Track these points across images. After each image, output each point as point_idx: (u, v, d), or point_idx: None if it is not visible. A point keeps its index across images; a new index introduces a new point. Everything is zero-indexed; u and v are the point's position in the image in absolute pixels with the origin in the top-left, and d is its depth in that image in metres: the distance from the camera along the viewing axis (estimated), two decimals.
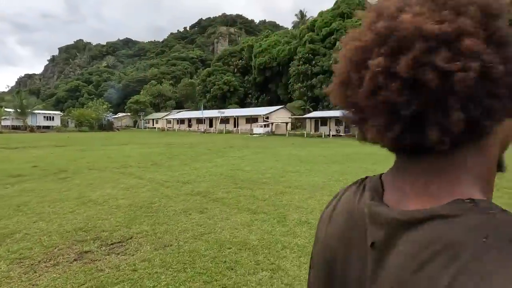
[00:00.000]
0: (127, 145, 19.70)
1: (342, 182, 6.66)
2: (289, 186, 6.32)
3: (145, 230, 3.67)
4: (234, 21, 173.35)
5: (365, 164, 9.79)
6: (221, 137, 31.28)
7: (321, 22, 51.24)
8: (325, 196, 5.36)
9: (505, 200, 5.07)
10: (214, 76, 68.91)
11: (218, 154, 13.47)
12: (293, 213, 4.36)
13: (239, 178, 7.28)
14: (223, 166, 9.45)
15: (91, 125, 56.02)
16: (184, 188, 6.11)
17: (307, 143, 22.16)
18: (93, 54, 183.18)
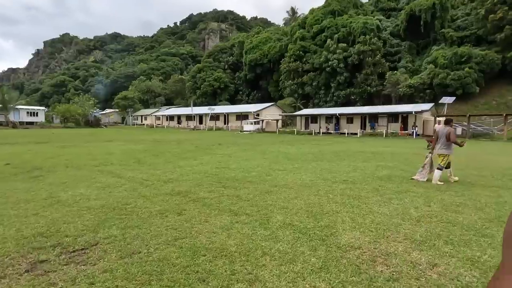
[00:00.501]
0: (111, 142, 19.08)
1: (330, 181, 6.45)
2: (275, 185, 6.06)
3: (113, 235, 3.34)
4: (226, 17, 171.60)
5: (354, 162, 9.63)
6: (210, 134, 30.82)
7: (312, 20, 51.03)
8: (312, 196, 5.12)
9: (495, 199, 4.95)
10: (204, 73, 68.00)
11: (205, 151, 13.11)
12: (277, 214, 4.09)
13: (224, 176, 6.97)
14: (208, 164, 9.12)
15: (77, 121, 54.53)
16: (164, 188, 5.77)
17: (296, 140, 22.00)
18: (80, 48, 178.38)
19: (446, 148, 6.69)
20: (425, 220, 3.85)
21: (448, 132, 6.69)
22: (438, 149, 6.86)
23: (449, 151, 6.69)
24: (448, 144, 6.68)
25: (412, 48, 44.31)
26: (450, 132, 6.66)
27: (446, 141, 6.65)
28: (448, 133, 6.68)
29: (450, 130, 6.70)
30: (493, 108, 33.17)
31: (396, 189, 5.69)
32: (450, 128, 6.81)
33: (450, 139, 6.62)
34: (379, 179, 6.71)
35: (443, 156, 6.71)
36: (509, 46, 34.37)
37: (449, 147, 6.70)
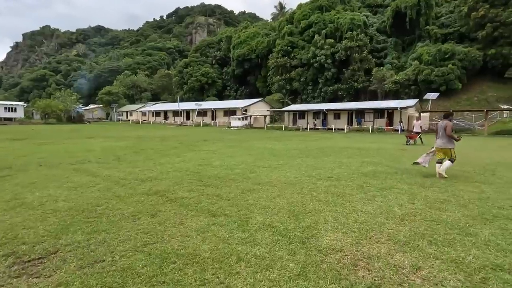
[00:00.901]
0: (93, 139, 18.42)
1: (314, 178, 6.31)
2: (258, 182, 5.86)
3: (77, 241, 3.05)
4: (213, 11, 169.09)
5: (339, 158, 9.55)
6: (197, 130, 30.33)
7: (300, 15, 50.85)
8: (295, 194, 4.95)
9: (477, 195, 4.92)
10: (191, 68, 66.86)
11: (190, 148, 12.78)
12: (257, 214, 3.89)
13: (206, 174, 6.72)
14: (191, 161, 8.83)
15: (58, 117, 52.68)
16: (141, 187, 5.48)
17: (284, 136, 21.89)
18: (61, 41, 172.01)
19: (447, 141, 6.63)
20: (409, 218, 3.74)
21: (446, 126, 6.62)
22: (438, 143, 6.78)
23: (449, 145, 6.62)
24: (448, 138, 6.60)
25: (398, 45, 44.88)
26: (447, 126, 6.60)
27: (446, 135, 6.58)
28: (445, 127, 6.61)
29: (447, 124, 6.64)
30: (474, 104, 34.09)
31: (381, 185, 5.60)
32: (449, 122, 6.73)
33: (446, 132, 6.55)
34: (364, 175, 6.63)
35: (445, 150, 6.64)
36: (490, 44, 35.30)
37: (450, 141, 6.63)
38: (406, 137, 15.64)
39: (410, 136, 15.41)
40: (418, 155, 10.15)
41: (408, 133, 16.57)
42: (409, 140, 15.16)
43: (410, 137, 15.34)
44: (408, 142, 15.11)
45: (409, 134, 15.86)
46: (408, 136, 15.58)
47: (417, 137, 15.40)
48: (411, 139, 15.22)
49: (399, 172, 7.00)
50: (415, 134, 15.58)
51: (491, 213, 3.95)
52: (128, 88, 76.82)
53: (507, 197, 4.82)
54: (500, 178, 6.44)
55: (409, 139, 15.22)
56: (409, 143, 14.95)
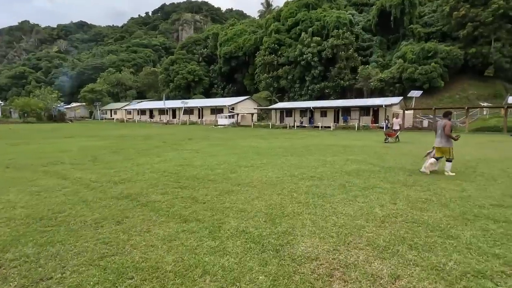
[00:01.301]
0: (72, 138, 17.70)
1: (296, 177, 6.12)
2: (238, 183, 5.63)
3: (25, 255, 2.73)
4: (200, 8, 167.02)
5: (323, 156, 9.43)
6: (183, 129, 29.77)
7: (286, 12, 50.74)
8: (275, 195, 4.74)
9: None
10: (177, 65, 65.74)
11: (172, 147, 12.40)
12: (232, 219, 3.66)
13: (184, 175, 6.42)
14: (172, 160, 8.49)
15: (38, 116, 50.70)
16: (113, 190, 5.14)
17: (270, 134, 21.72)
18: (41, 37, 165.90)
19: (446, 140, 6.57)
20: (390, 220, 3.59)
21: (445, 125, 6.54)
22: (436, 142, 6.71)
23: (449, 144, 6.57)
24: (447, 137, 6.54)
25: (383, 43, 45.50)
26: (446, 125, 6.52)
27: (444, 134, 6.51)
28: (444, 126, 6.53)
29: (447, 123, 6.55)
30: (456, 102, 34.96)
31: (363, 184, 5.46)
32: (448, 121, 6.64)
33: (445, 131, 6.48)
34: (347, 174, 6.50)
35: (444, 149, 6.59)
36: (470, 43, 36.26)
37: (448, 140, 6.58)
38: (384, 135, 15.41)
39: (389, 134, 15.18)
40: (402, 152, 10.17)
41: (386, 131, 16.16)
42: (387, 138, 14.88)
43: (388, 135, 15.10)
44: (386, 140, 14.80)
45: (388, 132, 15.67)
46: (386, 134, 15.37)
47: (396, 135, 15.12)
48: (390, 137, 14.97)
49: (383, 171, 6.91)
50: (394, 132, 15.38)
51: (472, 213, 3.86)
52: (112, 86, 74.90)
53: (487, 195, 4.77)
54: (481, 175, 6.44)
55: (388, 137, 14.94)
56: (388, 141, 14.64)
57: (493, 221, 3.55)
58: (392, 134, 15.16)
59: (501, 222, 3.51)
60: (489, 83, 37.65)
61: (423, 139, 17.32)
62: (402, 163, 8.10)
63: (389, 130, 16.70)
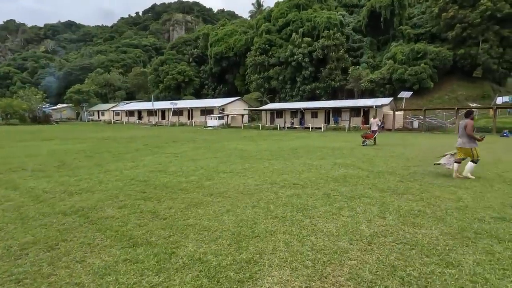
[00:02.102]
0: (50, 141, 16.77)
1: (278, 185, 5.54)
2: (211, 193, 5.01)
3: None
4: (191, 8, 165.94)
5: (310, 159, 8.88)
6: (170, 130, 28.93)
7: (277, 13, 50.36)
8: (249, 208, 4.14)
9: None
10: (167, 65, 64.65)
11: (153, 150, 11.69)
12: (191, 241, 3.05)
13: (153, 183, 5.77)
14: (146, 166, 7.82)
15: (21, 118, 49.01)
16: (63, 203, 4.46)
17: (259, 136, 21.15)
18: (28, 37, 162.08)
19: (468, 141, 6.14)
20: (378, 241, 3.04)
21: (466, 124, 6.12)
22: (458, 143, 6.32)
23: (470, 144, 6.13)
24: (469, 137, 6.11)
25: (373, 44, 45.54)
26: (467, 125, 6.09)
27: (466, 134, 6.10)
28: (465, 126, 6.10)
29: (468, 123, 6.12)
30: (445, 102, 35.08)
31: (350, 193, 4.92)
32: (469, 120, 6.19)
33: (466, 131, 6.06)
34: (334, 180, 5.95)
35: (466, 150, 6.19)
36: (459, 44, 36.48)
37: (470, 140, 6.14)
38: (362, 137, 14.03)
39: (366, 136, 13.84)
40: (393, 154, 9.69)
41: (364, 133, 14.44)
42: (365, 141, 13.61)
43: (366, 137, 13.76)
44: (364, 143, 13.55)
45: (365, 134, 14.15)
46: (364, 136, 13.95)
47: (373, 136, 13.86)
48: (367, 139, 13.70)
49: (372, 176, 6.39)
50: (372, 134, 14.05)
51: (472, 229, 3.34)
52: (100, 87, 73.35)
53: (486, 205, 4.28)
54: (476, 181, 5.99)
55: (365, 140, 13.66)
56: (365, 144, 13.40)
57: (497, 240, 3.04)
58: (370, 136, 13.88)
59: (506, 242, 2.99)
60: (478, 84, 37.95)
61: (414, 140, 17.03)
62: (393, 166, 7.62)
63: (366, 132, 14.76)
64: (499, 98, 31.89)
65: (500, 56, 34.54)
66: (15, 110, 47.72)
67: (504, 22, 33.76)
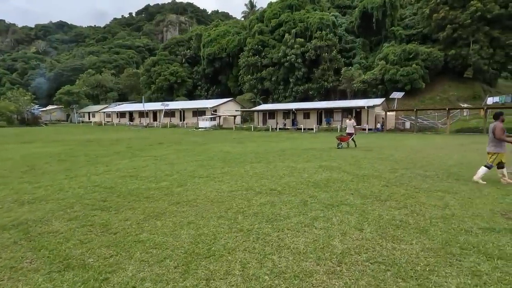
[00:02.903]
0: (30, 144, 16.15)
1: (253, 191, 5.13)
2: (178, 201, 4.58)
3: None
4: (185, 9, 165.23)
5: (295, 162, 8.49)
6: (160, 132, 28.35)
7: (270, 13, 50.11)
8: (213, 220, 3.72)
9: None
10: (159, 66, 63.88)
11: (134, 153, 11.19)
12: (133, 263, 2.61)
13: (119, 190, 5.31)
14: (119, 171, 7.34)
15: (9, 119, 47.88)
16: (9, 215, 3.98)
17: (250, 137, 20.74)
18: (18, 37, 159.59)
19: (494, 145, 5.72)
20: (350, 259, 2.64)
21: (494, 127, 5.68)
22: (487, 148, 5.88)
23: (498, 149, 5.69)
24: (496, 141, 5.68)
25: (366, 45, 45.55)
26: (496, 128, 5.66)
27: (494, 138, 5.67)
28: (493, 129, 5.69)
29: (496, 126, 5.67)
30: (437, 103, 35.13)
31: (329, 201, 4.53)
32: (498, 123, 5.74)
33: (495, 135, 5.63)
34: (315, 185, 5.56)
35: (491, 154, 5.77)
36: (450, 45, 36.60)
37: (498, 144, 5.70)
38: (337, 140, 13.05)
39: (341, 138, 12.86)
40: (382, 156, 9.30)
41: (339, 136, 13.41)
42: (340, 143, 12.67)
43: (341, 140, 12.78)
44: (339, 145, 12.59)
45: (340, 136, 13.15)
46: (339, 138, 12.95)
47: (349, 139, 12.90)
48: (343, 141, 12.74)
49: (356, 180, 6.02)
50: (347, 136, 13.03)
51: (458, 243, 2.97)
52: (92, 88, 72.29)
53: (474, 213, 3.93)
54: (465, 184, 5.66)
55: (341, 142, 12.70)
56: (340, 147, 12.48)
57: (485, 257, 2.66)
58: (345, 138, 12.90)
59: (495, 259, 2.62)
60: (468, 84, 38.13)
61: (405, 141, 16.79)
62: (379, 170, 7.26)
63: (341, 134, 13.87)
64: (490, 98, 32.01)
65: (490, 56, 34.73)
66: (2, 112, 46.61)
67: (494, 23, 33.97)
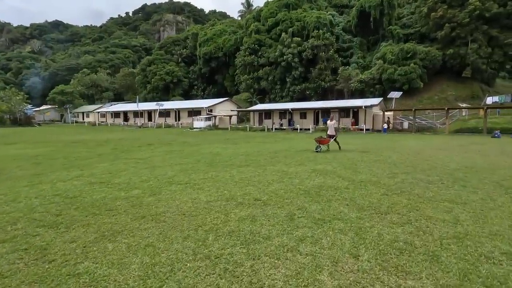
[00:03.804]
0: (12, 145, 15.40)
1: (234, 202, 4.48)
2: (144, 215, 3.92)
3: None
4: (182, 8, 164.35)
5: (287, 165, 7.85)
6: (153, 133, 27.62)
7: (266, 12, 49.51)
8: (178, 242, 3.05)
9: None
10: (155, 65, 63.10)
11: (117, 155, 10.50)
12: None
13: (81, 201, 4.64)
14: (91, 176, 6.65)
15: (0, 120, 46.92)
16: None
17: (244, 138, 20.07)
18: (13, 37, 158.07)
19: None
20: None
21: None
22: None
23: None
24: None
25: (363, 44, 45.02)
26: None
27: None
28: None
29: None
30: (435, 103, 34.64)
31: (320, 214, 3.88)
32: None
33: None
34: (305, 193, 4.92)
35: None
36: (448, 44, 36.14)
37: None
38: (316, 142, 11.40)
39: (321, 141, 11.23)
40: (380, 158, 8.64)
41: (318, 138, 11.75)
42: (319, 147, 11.09)
43: (320, 142, 11.17)
44: (318, 148, 11.04)
45: (319, 138, 11.52)
46: (318, 140, 11.32)
47: (330, 141, 11.37)
48: (322, 144, 11.19)
49: (352, 187, 5.38)
50: (328, 138, 11.47)
51: (479, 277, 2.33)
52: (87, 88, 71.39)
53: (491, 231, 3.30)
54: (474, 193, 5.04)
55: (320, 145, 11.14)
56: (319, 150, 10.97)
57: None
58: (325, 140, 11.32)
59: None
60: (467, 84, 37.70)
61: (403, 141, 16.21)
62: (377, 174, 6.63)
63: (321, 136, 12.40)
64: (489, 98, 31.57)
65: (488, 56, 34.30)
66: None
67: (493, 21, 33.55)
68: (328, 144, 11.48)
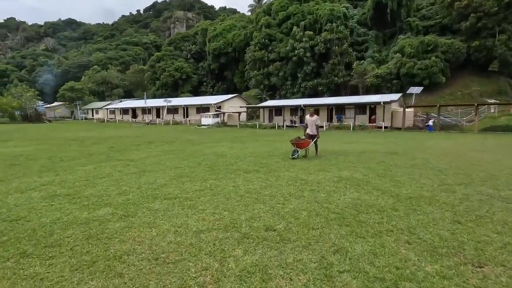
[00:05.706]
0: (5, 142, 14.46)
1: (237, 233, 3.03)
2: (94, 259, 2.54)
3: None
4: (192, 5, 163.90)
5: (304, 170, 6.33)
6: (160, 130, 26.51)
7: (277, 6, 47.69)
8: None
9: None
10: (164, 62, 62.27)
11: (109, 156, 9.24)
12: None
13: (22, 227, 3.30)
14: (60, 184, 5.34)
15: (11, 116, 47.14)
16: None
17: (253, 136, 18.64)
18: (28, 35, 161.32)
19: None
20: None
21: None
22: None
23: None
24: None
25: (379, 38, 42.70)
26: None
27: None
28: None
29: None
30: (458, 99, 32.26)
31: (373, 265, 2.40)
32: None
33: None
34: (339, 218, 3.43)
35: None
36: (473, 35, 33.60)
37: None
38: (292, 145, 8.82)
39: (299, 144, 8.66)
40: (415, 162, 6.87)
41: (295, 139, 9.01)
42: (296, 151, 8.56)
43: (298, 145, 8.63)
44: (295, 154, 8.47)
45: (296, 141, 8.86)
46: (295, 143, 8.72)
47: (310, 144, 8.79)
48: (301, 148, 8.65)
49: (402, 207, 3.86)
50: (308, 140, 8.87)
51: None
52: (97, 85, 71.45)
53: None
54: None
55: (297, 149, 8.61)
56: (296, 156, 8.40)
57: None
58: (305, 144, 8.70)
59: None
60: (492, 78, 35.02)
61: (431, 141, 14.41)
62: (427, 186, 5.07)
63: (298, 138, 9.22)
64: None
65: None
66: (4, 108, 45.80)
67: None
68: (307, 148, 8.76)
